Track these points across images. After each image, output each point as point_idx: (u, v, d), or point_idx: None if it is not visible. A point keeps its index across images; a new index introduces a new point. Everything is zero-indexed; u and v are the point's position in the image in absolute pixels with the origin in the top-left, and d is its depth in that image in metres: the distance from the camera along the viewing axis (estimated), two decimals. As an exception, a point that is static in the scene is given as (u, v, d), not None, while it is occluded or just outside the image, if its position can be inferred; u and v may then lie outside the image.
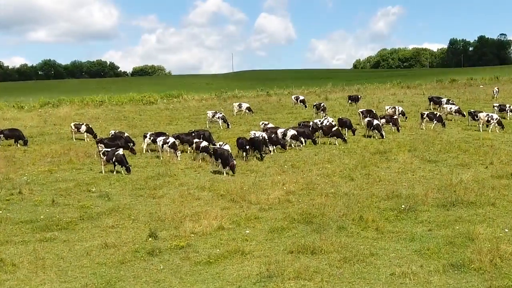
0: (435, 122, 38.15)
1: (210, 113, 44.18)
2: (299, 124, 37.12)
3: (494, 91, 56.32)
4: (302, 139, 32.83)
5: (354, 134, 35.98)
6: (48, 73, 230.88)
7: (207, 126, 43.22)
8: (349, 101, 53.53)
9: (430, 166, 26.57)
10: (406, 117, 42.62)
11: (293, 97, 56.14)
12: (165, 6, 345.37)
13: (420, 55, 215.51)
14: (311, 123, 36.59)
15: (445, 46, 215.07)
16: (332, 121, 38.14)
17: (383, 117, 38.43)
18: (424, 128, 38.01)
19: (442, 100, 47.42)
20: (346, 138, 34.32)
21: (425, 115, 38.66)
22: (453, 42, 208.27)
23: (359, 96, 54.80)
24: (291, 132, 32.82)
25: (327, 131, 34.74)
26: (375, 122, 35.69)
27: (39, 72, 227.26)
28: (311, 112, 47.54)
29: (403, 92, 65.80)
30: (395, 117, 38.90)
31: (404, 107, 45.55)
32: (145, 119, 48.48)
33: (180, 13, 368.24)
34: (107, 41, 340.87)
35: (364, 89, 69.81)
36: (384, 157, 28.91)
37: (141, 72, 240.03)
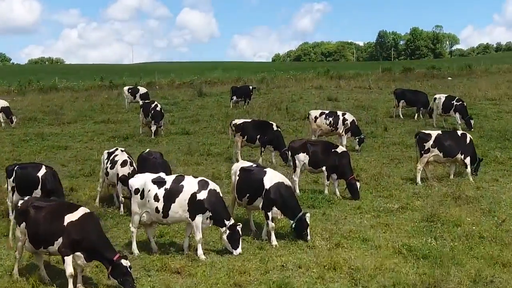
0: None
1: None
2: None
3: None
4: None
5: None
6: None
7: None
8: (233, 97, 26.24)
9: None
10: (362, 139, 16.29)
11: (125, 89, 28.57)
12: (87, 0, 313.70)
13: (345, 49, 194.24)
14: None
15: (373, 41, 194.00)
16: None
17: (300, 143, 11.71)
18: (419, 176, 11.63)
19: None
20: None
21: (431, 140, 11.87)
22: (382, 35, 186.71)
23: (252, 88, 27.67)
24: None
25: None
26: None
27: None
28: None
29: (335, 84, 39.25)
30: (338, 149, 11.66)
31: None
32: None
33: (101, 8, 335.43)
34: (28, 36, 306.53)
35: (272, 79, 42.54)
36: None
37: (37, 65, 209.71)
